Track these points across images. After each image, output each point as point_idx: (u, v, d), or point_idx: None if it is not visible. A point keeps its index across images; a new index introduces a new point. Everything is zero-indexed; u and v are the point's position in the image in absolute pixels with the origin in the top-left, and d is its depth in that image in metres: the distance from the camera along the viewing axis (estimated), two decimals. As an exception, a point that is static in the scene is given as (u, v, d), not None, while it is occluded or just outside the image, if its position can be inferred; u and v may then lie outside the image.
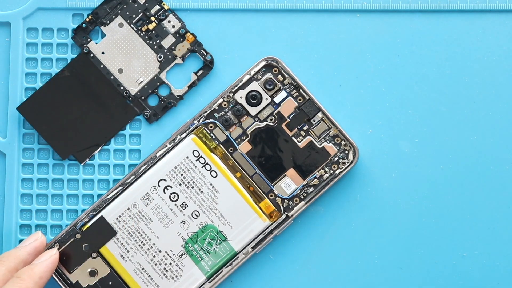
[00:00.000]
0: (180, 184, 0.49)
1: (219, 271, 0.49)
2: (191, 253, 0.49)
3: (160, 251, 0.49)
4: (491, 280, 0.51)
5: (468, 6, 0.52)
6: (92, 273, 0.49)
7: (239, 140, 0.50)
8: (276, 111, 0.50)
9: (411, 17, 0.52)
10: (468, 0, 0.52)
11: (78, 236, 0.49)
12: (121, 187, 0.50)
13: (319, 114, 0.50)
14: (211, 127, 0.50)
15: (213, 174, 0.49)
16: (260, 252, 0.50)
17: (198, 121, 0.50)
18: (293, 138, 0.50)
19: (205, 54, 0.52)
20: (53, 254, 0.48)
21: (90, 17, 0.52)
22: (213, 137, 0.50)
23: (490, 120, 0.51)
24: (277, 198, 0.50)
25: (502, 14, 0.52)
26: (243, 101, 0.50)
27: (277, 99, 0.50)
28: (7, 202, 0.52)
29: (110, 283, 0.49)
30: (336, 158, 0.50)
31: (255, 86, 0.50)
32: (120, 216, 0.49)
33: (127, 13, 0.52)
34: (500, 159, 0.51)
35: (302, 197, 0.50)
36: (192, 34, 0.52)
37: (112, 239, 0.49)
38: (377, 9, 0.52)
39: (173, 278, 0.49)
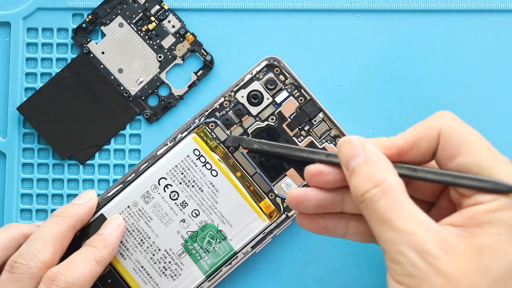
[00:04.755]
0: (180, 183, 0.49)
1: (219, 270, 0.49)
2: (190, 252, 0.49)
3: (159, 250, 0.49)
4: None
5: (468, 6, 0.52)
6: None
7: (239, 139, 0.50)
8: (277, 111, 0.50)
9: (411, 17, 0.52)
10: (468, 0, 0.52)
11: (78, 233, 0.49)
12: (121, 185, 0.49)
13: (320, 115, 0.50)
14: (212, 126, 0.50)
15: (214, 173, 0.49)
16: (259, 252, 0.50)
17: (199, 120, 0.50)
18: (294, 138, 0.50)
19: (205, 54, 0.52)
20: (121, 223, 0.48)
21: (90, 17, 0.52)
22: (214, 136, 0.50)
23: (490, 120, 0.51)
24: (277, 198, 0.50)
25: (502, 14, 0.52)
26: (244, 101, 0.50)
27: (278, 99, 0.50)
28: (7, 202, 0.52)
29: (109, 281, 0.49)
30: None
31: (256, 85, 0.50)
32: (120, 214, 0.49)
33: (127, 13, 0.52)
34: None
35: (302, 197, 0.50)
36: (192, 34, 0.52)
37: (112, 238, 0.49)
38: (377, 9, 0.52)
39: (172, 276, 0.49)
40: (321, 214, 0.43)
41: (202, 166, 0.49)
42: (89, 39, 0.52)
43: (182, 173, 0.49)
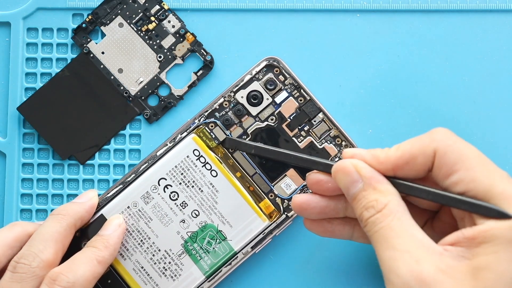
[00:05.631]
0: (180, 183, 0.49)
1: (218, 271, 0.49)
2: (190, 252, 0.49)
3: (159, 250, 0.49)
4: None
5: (468, 6, 0.52)
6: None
7: (239, 139, 0.50)
8: (277, 111, 0.50)
9: (411, 17, 0.52)
10: (468, 0, 0.52)
11: (77, 234, 0.49)
12: (121, 186, 0.50)
13: (320, 115, 0.50)
14: (211, 126, 0.50)
15: (213, 173, 0.49)
16: (259, 252, 0.50)
17: (199, 120, 0.50)
18: (293, 138, 0.50)
19: (205, 54, 0.52)
20: (122, 223, 0.48)
21: (90, 17, 0.52)
22: (214, 136, 0.50)
23: (491, 120, 0.51)
24: (277, 198, 0.50)
25: (502, 14, 0.52)
26: (244, 101, 0.50)
27: (278, 99, 0.50)
28: (7, 202, 0.52)
29: (109, 281, 0.49)
30: (337, 159, 0.50)
31: (256, 86, 0.50)
32: (121, 215, 0.49)
33: (127, 13, 0.52)
34: (501, 159, 0.51)
35: (302, 197, 0.50)
36: (192, 34, 0.52)
37: (112, 238, 0.49)
38: (377, 9, 0.52)
39: (172, 277, 0.49)
40: (327, 219, 0.44)
41: (202, 166, 0.49)
42: (89, 39, 0.52)
43: (182, 174, 0.49)
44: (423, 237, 0.37)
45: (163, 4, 0.52)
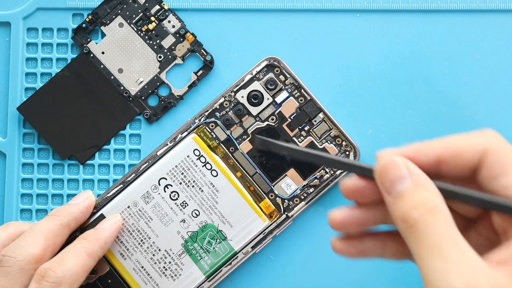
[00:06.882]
0: (180, 183, 0.49)
1: (219, 271, 0.49)
2: (190, 252, 0.49)
3: (159, 250, 0.49)
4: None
5: (468, 6, 0.52)
6: (92, 271, 0.49)
7: (240, 139, 0.50)
8: (277, 111, 0.50)
9: (411, 17, 0.52)
10: (468, 0, 0.52)
11: (78, 234, 0.49)
12: (121, 185, 0.50)
13: (320, 115, 0.50)
14: (212, 126, 0.50)
15: (214, 173, 0.49)
16: (259, 252, 0.50)
17: (199, 120, 0.50)
18: (294, 138, 0.50)
19: (205, 54, 0.52)
20: (117, 220, 0.48)
21: (90, 17, 0.52)
22: (214, 136, 0.50)
23: (490, 120, 0.51)
24: (277, 198, 0.50)
25: (502, 14, 0.52)
26: (244, 101, 0.50)
27: (278, 99, 0.50)
28: (7, 202, 0.52)
29: (109, 281, 0.49)
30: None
31: (256, 85, 0.50)
32: (120, 214, 0.49)
33: (127, 13, 0.52)
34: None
35: (302, 197, 0.50)
36: (192, 34, 0.52)
37: (112, 238, 0.49)
38: (377, 9, 0.52)
39: (172, 277, 0.49)
40: (358, 238, 0.41)
41: (202, 166, 0.49)
42: (89, 39, 0.52)
43: (182, 173, 0.49)
44: (471, 250, 0.34)
45: (163, 4, 0.52)
